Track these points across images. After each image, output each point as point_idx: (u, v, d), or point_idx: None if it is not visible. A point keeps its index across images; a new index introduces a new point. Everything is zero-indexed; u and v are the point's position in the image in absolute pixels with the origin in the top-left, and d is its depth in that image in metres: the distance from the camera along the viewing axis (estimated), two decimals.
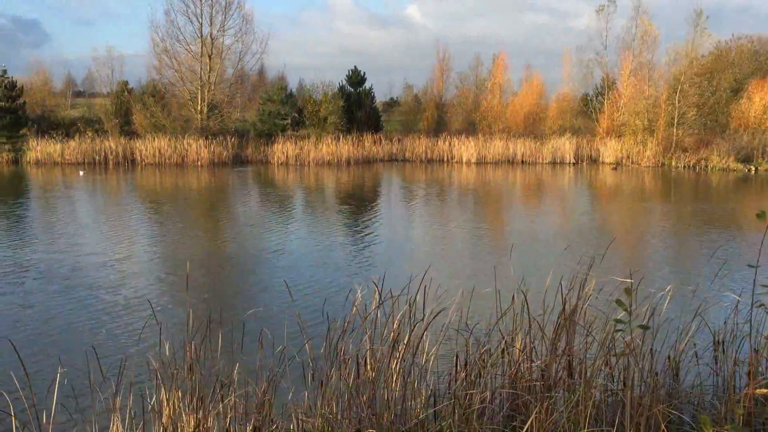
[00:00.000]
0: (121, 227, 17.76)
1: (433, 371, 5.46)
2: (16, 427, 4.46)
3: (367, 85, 47.57)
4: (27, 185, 28.77)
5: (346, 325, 5.10)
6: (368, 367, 5.15)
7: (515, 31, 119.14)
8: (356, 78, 47.12)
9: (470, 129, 46.50)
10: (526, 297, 5.38)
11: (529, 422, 4.35)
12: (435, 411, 4.90)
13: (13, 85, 41.14)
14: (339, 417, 4.92)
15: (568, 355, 5.23)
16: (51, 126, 42.65)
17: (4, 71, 41.13)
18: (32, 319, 9.71)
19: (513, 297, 5.53)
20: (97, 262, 13.35)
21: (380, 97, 55.11)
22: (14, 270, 12.64)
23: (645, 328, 4.68)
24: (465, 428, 4.67)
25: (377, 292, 5.27)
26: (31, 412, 4.63)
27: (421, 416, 4.85)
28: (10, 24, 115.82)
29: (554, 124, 46.48)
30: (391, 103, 61.18)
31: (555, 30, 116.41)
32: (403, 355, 5.12)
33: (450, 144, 42.72)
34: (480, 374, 5.19)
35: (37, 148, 37.89)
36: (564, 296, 5.31)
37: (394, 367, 5.08)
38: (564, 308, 5.31)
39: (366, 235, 17.02)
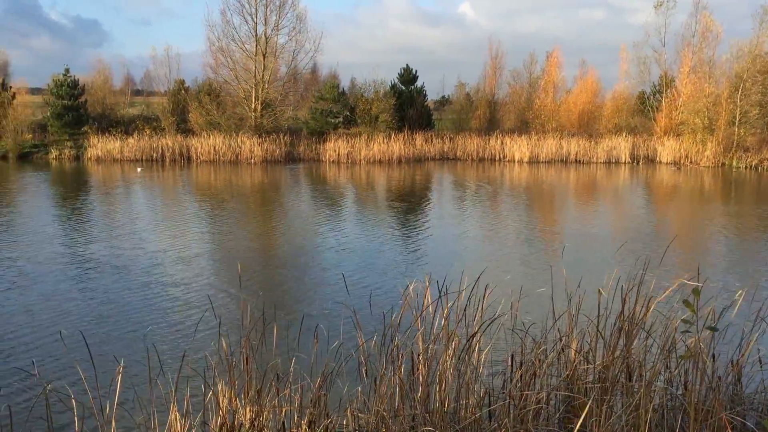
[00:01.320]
0: (178, 223, 18.16)
1: (488, 370, 5.43)
2: (80, 415, 4.61)
3: (418, 83, 47.51)
4: (88, 181, 29.68)
5: (399, 322, 5.10)
6: (422, 364, 5.14)
7: (570, 28, 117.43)
8: (408, 76, 47.09)
9: (522, 127, 45.97)
10: (581, 298, 5.30)
11: (579, 424, 4.27)
12: (490, 410, 4.86)
13: (75, 84, 42.48)
14: (392, 414, 4.93)
15: (627, 358, 5.12)
16: (111, 124, 43.88)
17: (67, 70, 42.50)
18: (93, 310, 10.02)
19: (569, 297, 5.45)
20: (156, 256, 13.68)
21: (432, 96, 54.91)
22: (76, 263, 13.06)
23: (713, 329, 4.54)
24: (520, 429, 4.62)
25: (430, 290, 5.26)
26: (94, 400, 4.77)
27: (475, 415, 4.81)
28: (72, 24, 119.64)
29: (609, 122, 45.55)
30: (443, 102, 60.92)
31: (611, 26, 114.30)
32: (457, 353, 5.09)
33: (502, 143, 42.31)
34: (535, 375, 5.13)
35: (98, 145, 39.01)
36: (623, 297, 5.20)
37: (448, 365, 5.06)
38: (623, 309, 5.21)
39: (417, 233, 17.00)
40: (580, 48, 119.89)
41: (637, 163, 40.51)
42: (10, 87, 43.77)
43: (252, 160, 38.10)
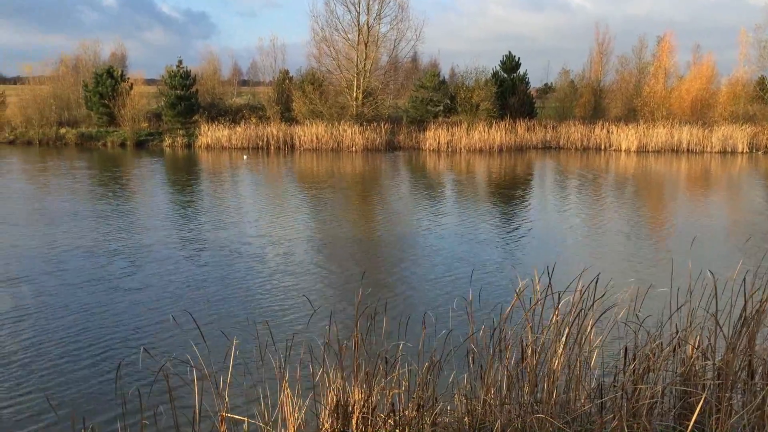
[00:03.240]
0: (284, 209, 18.73)
1: (598, 363, 5.31)
2: (197, 393, 4.88)
3: (521, 70, 46.62)
4: (199, 168, 31.05)
5: (509, 312, 5.07)
6: (530, 355, 5.09)
7: (683, 10, 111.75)
8: (510, 63, 46.28)
9: (630, 116, 44.22)
10: (703, 291, 5.08)
11: (694, 420, 4.12)
12: (602, 403, 4.76)
13: (187, 74, 44.40)
14: (500, 402, 4.92)
15: (750, 355, 4.88)
16: (219, 113, 45.63)
17: (180, 61, 44.48)
18: (207, 291, 10.52)
19: (688, 290, 5.25)
20: (265, 240, 14.19)
21: (534, 83, 53.75)
22: (190, 247, 13.73)
23: None
24: (633, 423, 4.51)
25: (540, 282, 5.20)
26: (211, 378, 5.03)
27: (586, 407, 4.74)
28: (182, 17, 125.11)
29: (725, 110, 43.05)
30: (546, 89, 59.49)
31: (728, 8, 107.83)
32: (567, 344, 5.01)
33: (608, 131, 40.89)
34: (649, 369, 4.98)
35: (207, 134, 40.67)
36: (747, 291, 4.95)
37: (557, 356, 4.99)
38: (746, 304, 4.96)
39: (521, 223, 16.78)
40: (693, 31, 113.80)
41: (757, 152, 38.15)
42: (128, 78, 46.29)
43: (353, 149, 38.65)
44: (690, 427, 3.86)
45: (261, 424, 5.49)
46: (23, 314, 9.24)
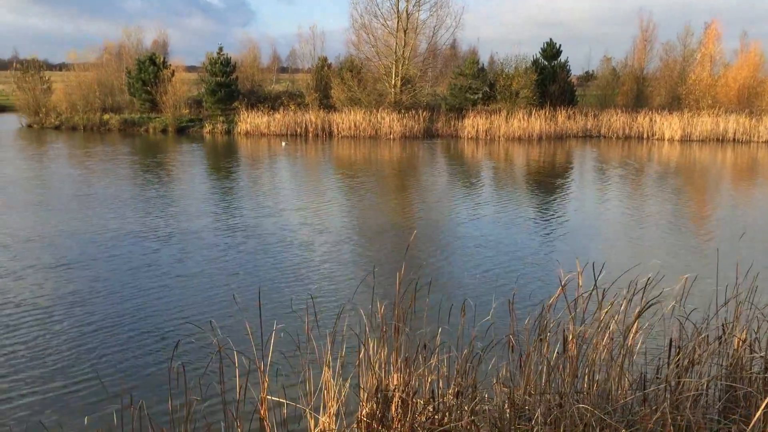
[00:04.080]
0: (324, 196, 18.86)
1: (641, 355, 5.25)
2: (238, 376, 4.96)
3: (562, 58, 45.93)
4: (239, 154, 31.38)
5: (554, 300, 5.04)
6: (572, 344, 5.06)
7: None
8: (551, 51, 45.62)
9: (674, 104, 43.28)
10: (752, 285, 4.98)
11: (740, 416, 4.05)
12: (645, 394, 4.71)
13: (227, 61, 44.79)
14: (540, 390, 4.90)
15: None
16: (258, 99, 45.99)
17: (221, 49, 44.91)
18: (253, 277, 10.68)
19: (735, 284, 5.15)
20: (308, 227, 14.31)
21: (576, 71, 52.93)
22: (235, 232, 13.93)
23: None
24: (677, 415, 4.45)
25: (581, 273, 5.14)
26: (257, 361, 5.12)
27: (628, 398, 4.69)
28: (222, 4, 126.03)
29: None
30: (587, 77, 58.60)
31: None
32: (610, 336, 4.96)
33: (651, 120, 40.09)
34: (693, 362, 4.91)
35: (247, 120, 41.02)
36: None
37: (600, 347, 4.95)
38: None
39: (562, 213, 16.61)
40: (741, 18, 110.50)
41: None
42: (170, 65, 46.91)
43: (391, 136, 38.61)
44: (741, 421, 3.80)
45: (301, 406, 5.58)
46: (78, 299, 9.50)
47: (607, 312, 4.94)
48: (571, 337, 4.99)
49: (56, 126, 43.45)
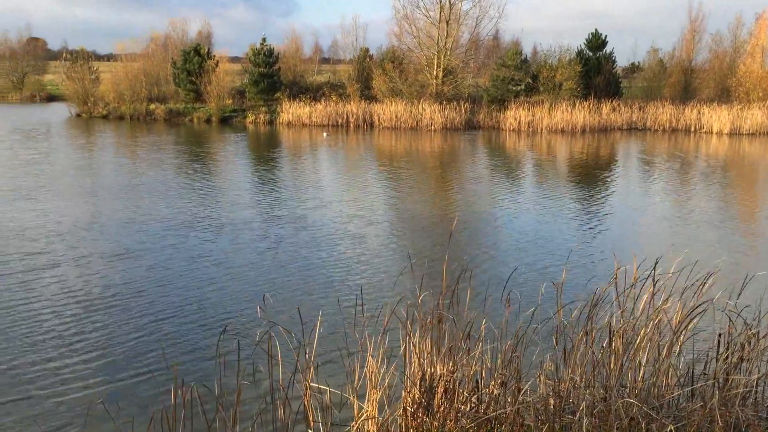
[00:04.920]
0: (367, 187, 18.95)
1: (689, 350, 5.18)
2: (281, 364, 5.05)
3: (607, 49, 45.14)
4: (282, 145, 31.68)
5: (603, 291, 5.00)
6: (618, 338, 5.02)
7: None
8: (596, 42, 44.88)
9: (723, 96, 42.21)
10: None
11: None
12: (693, 390, 4.66)
13: (270, 52, 45.16)
14: (585, 384, 4.88)
15: None
16: (300, 90, 46.30)
17: (264, 39, 45.27)
18: (297, 264, 10.82)
19: None
20: (355, 219, 14.41)
21: (621, 62, 51.94)
22: (283, 223, 14.10)
23: None
24: (725, 412, 4.39)
25: (628, 267, 5.09)
26: (304, 344, 5.20)
27: (675, 394, 4.64)
28: None
29: None
30: (633, 68, 57.45)
31: None
32: (658, 330, 4.91)
33: (699, 112, 39.18)
34: (743, 359, 4.83)
35: (289, 111, 41.37)
36: None
37: (647, 341, 4.90)
38: None
39: (606, 206, 16.39)
40: None
41: None
42: (214, 55, 47.50)
43: (432, 127, 38.51)
44: None
45: (345, 394, 5.65)
46: (134, 288, 9.75)
47: (654, 305, 4.88)
48: (618, 329, 4.95)
49: (104, 115, 44.45)
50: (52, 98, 64.58)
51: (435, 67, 42.05)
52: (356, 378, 5.41)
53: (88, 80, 45.90)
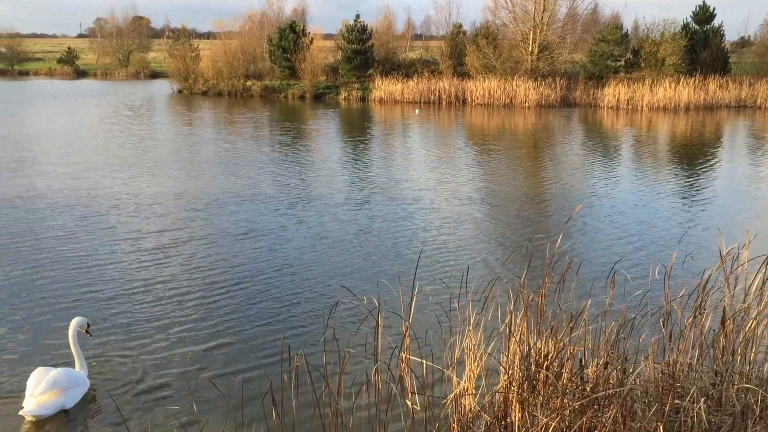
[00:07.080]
0: (461, 166, 18.88)
1: None
2: (380, 336, 5.14)
3: (715, 22, 42.80)
4: (374, 122, 31.90)
5: (713, 272, 4.83)
6: (730, 322, 4.84)
7: None
8: (704, 14, 42.61)
9: None
10: None
11: None
12: None
13: (363, 29, 45.39)
14: (693, 368, 4.75)
15: None
16: (393, 67, 46.37)
17: (357, 16, 45.54)
18: (399, 243, 10.96)
19: None
20: (455, 198, 14.44)
21: (731, 36, 49.15)
22: (381, 201, 14.29)
23: None
24: None
25: (746, 249, 4.88)
26: (404, 319, 5.28)
27: None
28: None
29: None
30: (743, 43, 54.27)
31: None
32: None
33: None
34: None
35: (381, 87, 41.55)
36: None
37: (761, 324, 4.72)
38: None
39: (711, 188, 15.69)
40: None
41: None
42: (308, 33, 48.21)
43: (526, 104, 37.77)
44: None
45: (441, 368, 5.73)
46: (241, 261, 10.15)
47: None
48: (729, 312, 4.78)
49: (203, 92, 46.07)
50: (155, 75, 67.48)
51: (530, 42, 41.09)
52: (455, 354, 5.47)
53: (189, 58, 47.62)
